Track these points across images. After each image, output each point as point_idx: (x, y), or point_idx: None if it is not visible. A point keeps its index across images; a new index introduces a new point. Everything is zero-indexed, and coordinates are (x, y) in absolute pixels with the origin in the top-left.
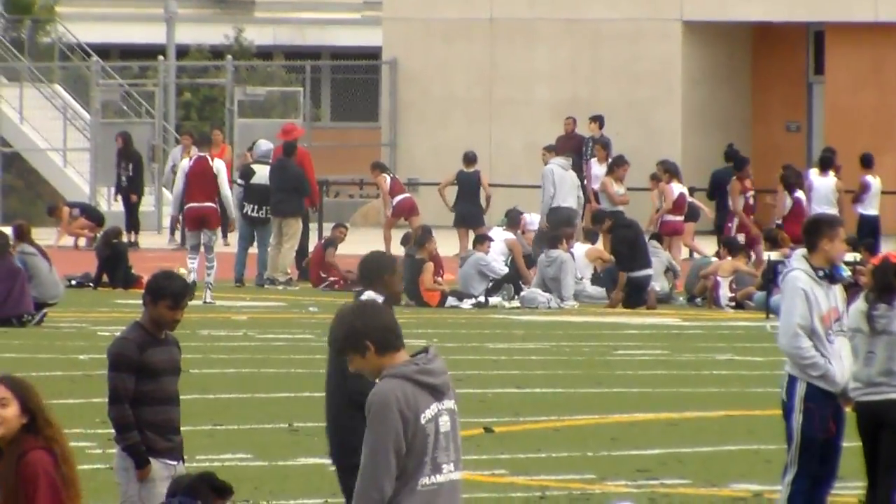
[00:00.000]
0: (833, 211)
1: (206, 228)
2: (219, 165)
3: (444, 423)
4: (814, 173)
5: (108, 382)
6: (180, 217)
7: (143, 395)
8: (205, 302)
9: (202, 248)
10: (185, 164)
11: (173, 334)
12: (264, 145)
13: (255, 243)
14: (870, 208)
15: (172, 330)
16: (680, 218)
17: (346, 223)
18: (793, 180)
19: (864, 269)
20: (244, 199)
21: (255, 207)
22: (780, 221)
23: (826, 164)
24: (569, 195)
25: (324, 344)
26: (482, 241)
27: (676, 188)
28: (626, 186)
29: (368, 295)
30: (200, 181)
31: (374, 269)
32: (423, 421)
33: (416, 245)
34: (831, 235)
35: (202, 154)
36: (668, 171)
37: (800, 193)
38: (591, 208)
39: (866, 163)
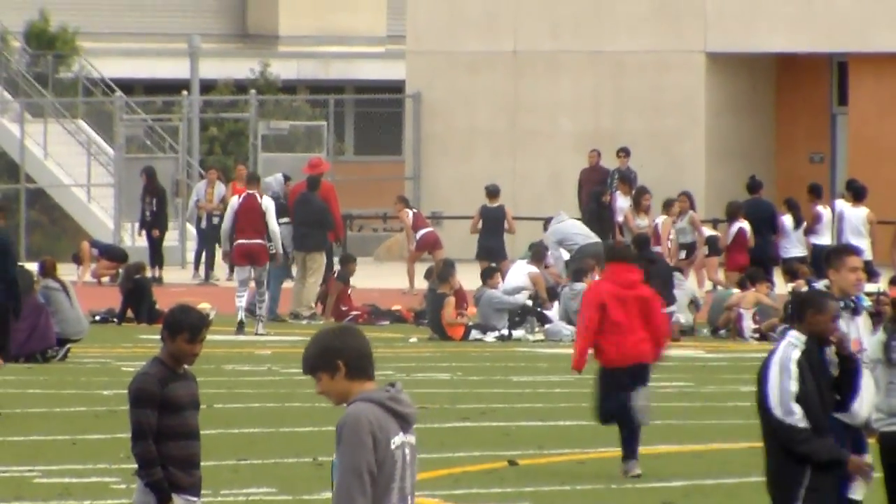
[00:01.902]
0: (864, 242)
1: (255, 264)
2: (267, 203)
3: (408, 454)
4: (844, 204)
5: (130, 419)
6: (230, 252)
7: (166, 430)
8: (256, 334)
9: (252, 283)
10: (234, 201)
11: (190, 369)
12: (275, 184)
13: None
14: (823, 238)
15: (191, 364)
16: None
17: (353, 256)
18: (734, 211)
19: (886, 300)
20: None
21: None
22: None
23: (859, 194)
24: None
25: None
26: (491, 273)
27: (736, 225)
28: (651, 217)
29: None
30: (250, 218)
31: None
32: (392, 447)
33: (439, 279)
34: (837, 265)
35: (251, 191)
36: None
37: (744, 223)
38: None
39: (816, 193)
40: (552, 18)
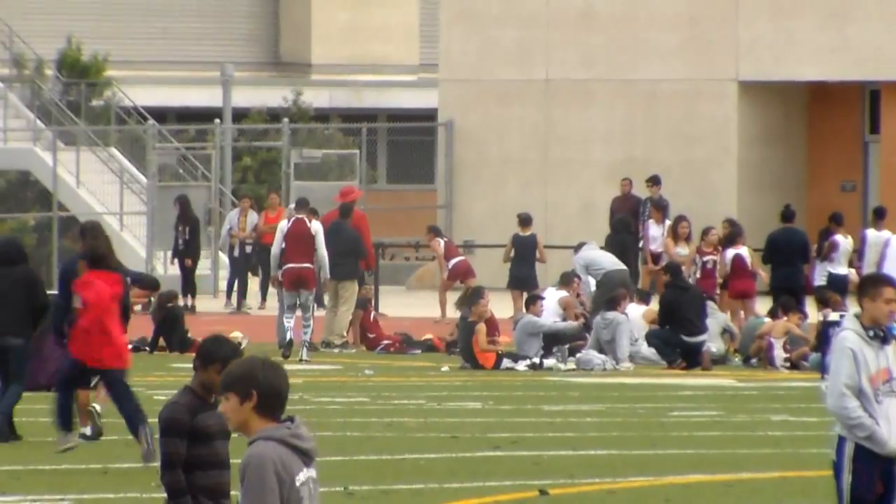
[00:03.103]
0: None
1: (303, 289)
2: (316, 227)
3: (312, 489)
4: (873, 231)
5: (159, 448)
6: (279, 276)
7: (195, 459)
8: (301, 360)
9: (298, 310)
10: (283, 225)
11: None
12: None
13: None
14: (839, 267)
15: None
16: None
17: (363, 279)
18: (732, 237)
19: None
20: None
21: None
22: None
23: (879, 214)
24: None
25: (380, 407)
26: (534, 301)
27: (731, 251)
28: (692, 246)
29: None
30: (299, 243)
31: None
32: (297, 484)
33: (467, 307)
34: (873, 295)
35: (300, 216)
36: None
37: (743, 250)
38: (649, 270)
39: (836, 221)
40: (584, 47)
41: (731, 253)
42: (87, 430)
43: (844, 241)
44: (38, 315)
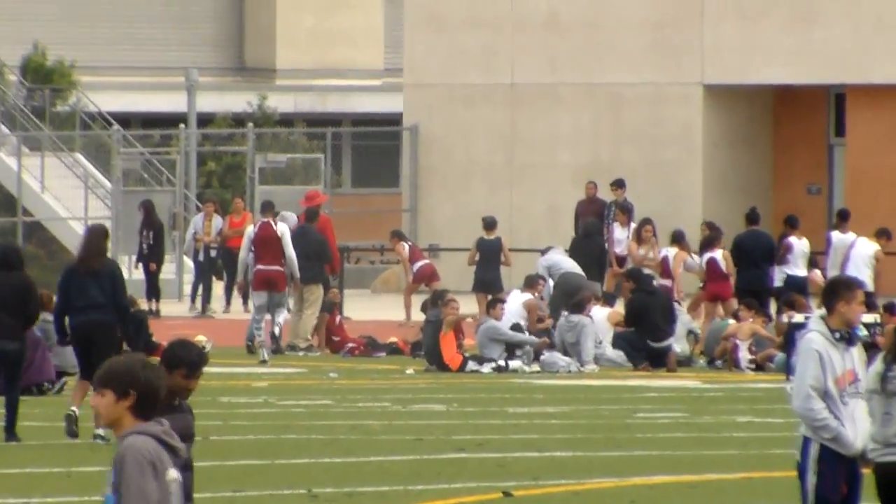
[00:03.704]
0: (867, 273)
1: (273, 290)
2: (283, 229)
3: (178, 490)
4: (838, 233)
5: None
6: (247, 281)
7: None
8: (262, 361)
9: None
10: (250, 230)
11: (187, 402)
12: (291, 219)
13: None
14: (796, 269)
15: (186, 398)
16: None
17: (330, 283)
18: (708, 241)
19: (886, 330)
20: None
21: None
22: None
23: (843, 216)
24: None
25: (345, 410)
26: (494, 304)
27: (707, 255)
28: (654, 248)
29: None
30: (267, 246)
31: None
32: (168, 478)
33: (434, 305)
34: (848, 298)
35: (266, 220)
36: (675, 239)
37: (718, 253)
38: (614, 273)
39: (791, 223)
40: (549, 51)
41: (706, 256)
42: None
43: (799, 243)
44: (30, 321)
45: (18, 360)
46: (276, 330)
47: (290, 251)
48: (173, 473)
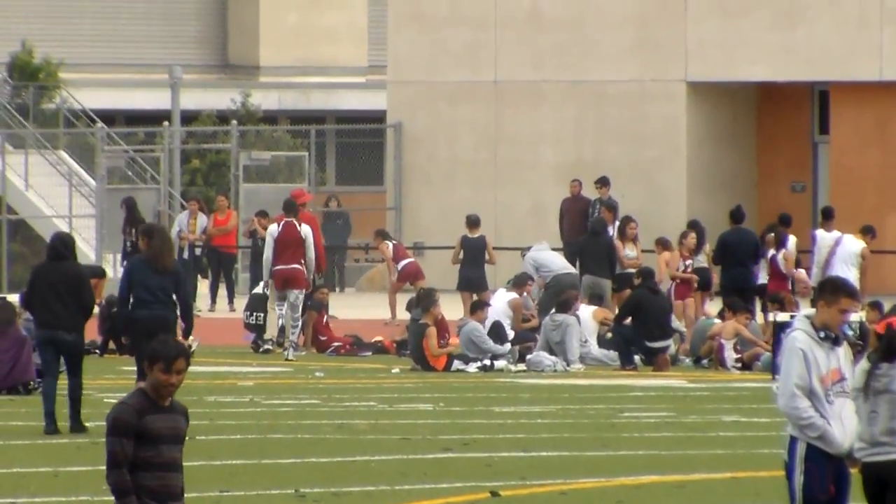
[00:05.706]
0: (852, 272)
1: (292, 289)
2: (306, 231)
3: None
4: (823, 232)
5: (105, 447)
6: (270, 280)
7: (141, 461)
8: (286, 359)
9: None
10: (273, 229)
11: (182, 403)
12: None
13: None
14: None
15: (168, 395)
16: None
17: (324, 287)
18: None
19: (870, 331)
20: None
21: None
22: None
23: (827, 214)
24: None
25: (331, 409)
26: (479, 307)
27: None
28: (637, 246)
29: None
30: (289, 246)
31: None
32: None
33: (422, 310)
34: (829, 301)
35: (290, 219)
36: (658, 243)
37: (701, 256)
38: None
39: (784, 222)
40: (533, 49)
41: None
42: None
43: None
44: (87, 312)
45: (77, 351)
46: (294, 337)
47: (312, 253)
48: None
